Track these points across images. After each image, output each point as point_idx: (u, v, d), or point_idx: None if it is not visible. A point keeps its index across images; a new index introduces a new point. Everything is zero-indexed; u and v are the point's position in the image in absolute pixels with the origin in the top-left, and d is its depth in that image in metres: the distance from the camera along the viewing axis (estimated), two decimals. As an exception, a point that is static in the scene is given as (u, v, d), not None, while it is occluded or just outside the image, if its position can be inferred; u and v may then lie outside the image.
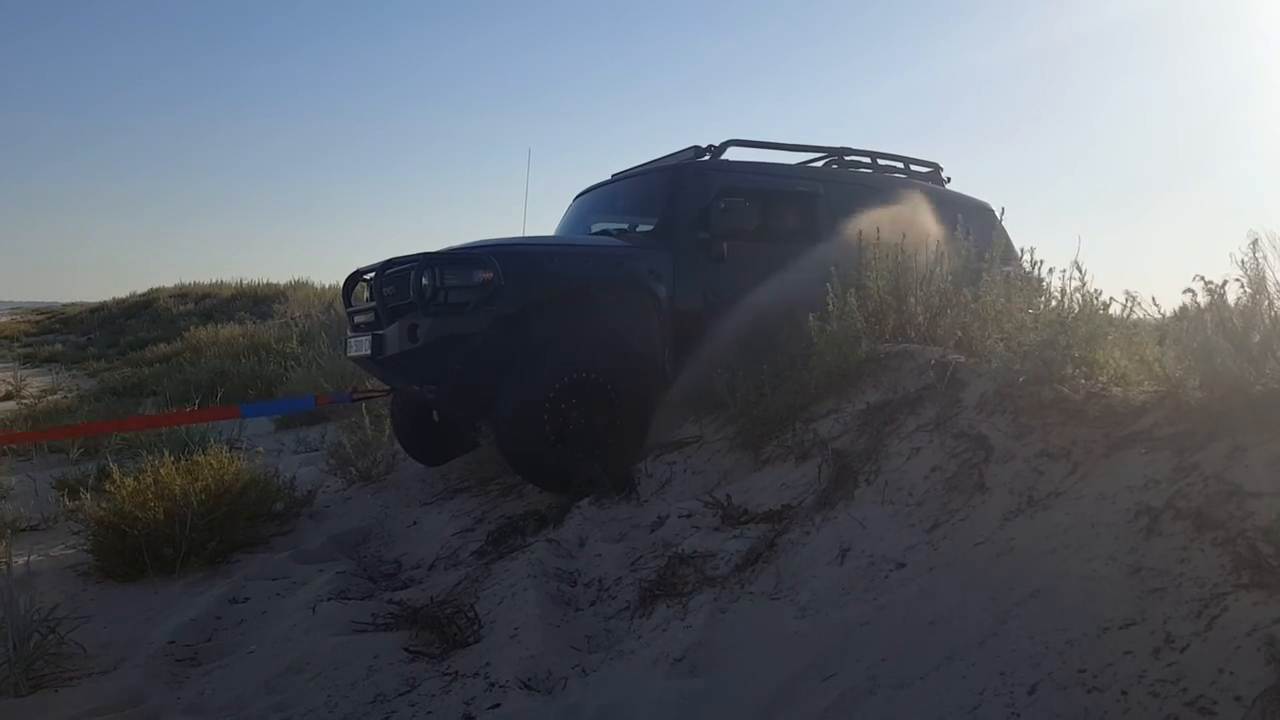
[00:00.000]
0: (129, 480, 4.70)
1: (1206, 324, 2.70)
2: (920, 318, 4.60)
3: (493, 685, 2.81)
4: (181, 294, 26.63)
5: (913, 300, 4.62)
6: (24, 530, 5.59)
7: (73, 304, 37.84)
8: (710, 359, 4.80)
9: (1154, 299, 3.18)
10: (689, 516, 3.92)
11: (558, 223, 6.63)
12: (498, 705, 2.70)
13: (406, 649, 3.19)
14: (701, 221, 5.31)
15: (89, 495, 4.87)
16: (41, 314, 35.96)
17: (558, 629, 3.20)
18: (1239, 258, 2.64)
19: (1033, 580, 2.47)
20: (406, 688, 2.96)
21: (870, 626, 2.66)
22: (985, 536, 2.79)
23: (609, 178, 6.45)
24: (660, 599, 3.25)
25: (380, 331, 4.85)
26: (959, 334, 4.40)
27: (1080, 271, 3.59)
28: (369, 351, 4.89)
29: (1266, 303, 2.56)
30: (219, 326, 17.23)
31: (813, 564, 3.13)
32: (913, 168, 6.78)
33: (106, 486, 4.72)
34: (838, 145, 6.39)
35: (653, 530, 3.98)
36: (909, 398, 3.86)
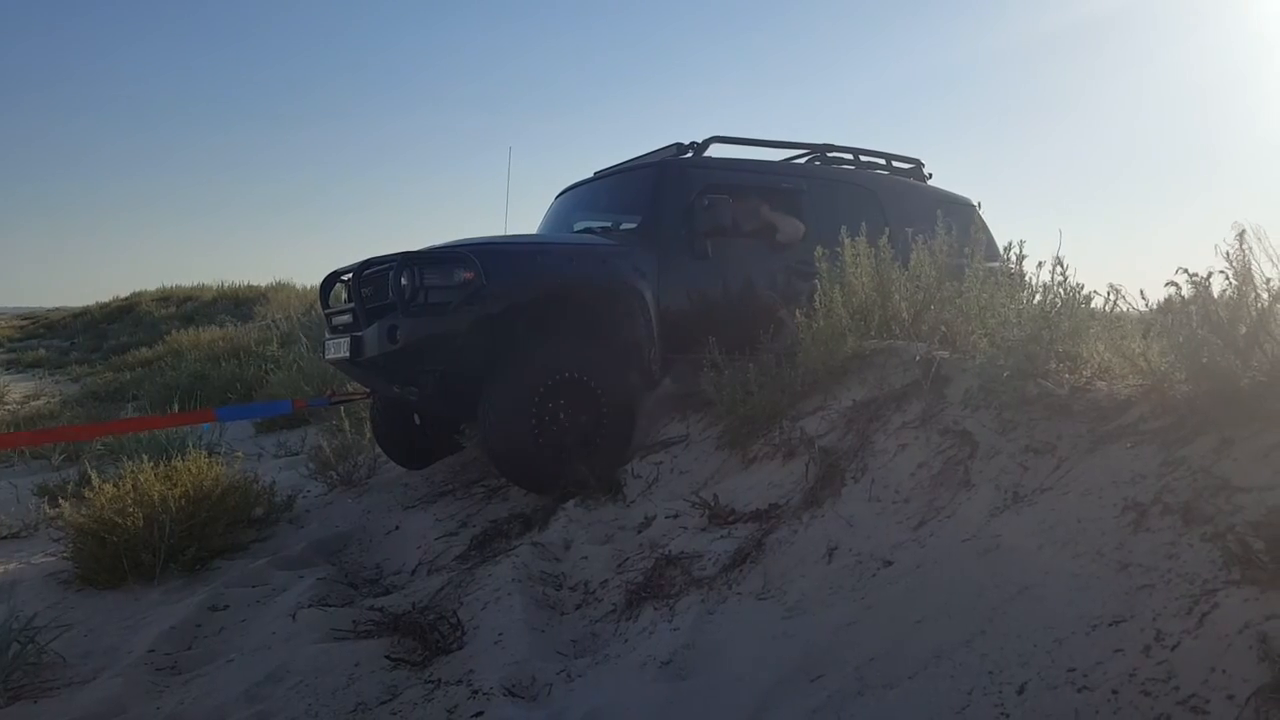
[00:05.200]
0: (108, 486, 4.65)
1: (1192, 317, 2.69)
2: (905, 314, 4.59)
3: (476, 693, 2.77)
4: (164, 297, 26.58)
5: (897, 296, 4.60)
6: (5, 538, 5.54)
7: (57, 309, 37.71)
8: (696, 357, 4.78)
9: (1141, 292, 3.16)
10: (676, 517, 3.89)
11: (540, 221, 6.60)
12: (481, 713, 2.66)
13: (388, 656, 3.15)
14: (685, 219, 5.28)
15: (68, 502, 4.81)
16: (26, 319, 35.87)
17: (543, 634, 3.17)
18: (1224, 250, 2.62)
19: (1020, 577, 2.45)
20: (388, 696, 2.91)
21: (858, 626, 2.64)
22: (972, 533, 2.78)
23: (591, 175, 6.42)
24: (647, 601, 3.23)
25: (359, 333, 4.79)
26: (943, 329, 4.39)
27: (1063, 266, 3.57)
28: (348, 354, 4.83)
29: (1253, 295, 2.54)
30: (200, 330, 17.17)
31: (800, 563, 3.11)
32: (895, 164, 6.79)
33: (86, 493, 4.67)
34: (820, 142, 6.39)
35: (639, 531, 3.96)
36: (895, 394, 3.85)
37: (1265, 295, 2.54)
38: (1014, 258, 4.36)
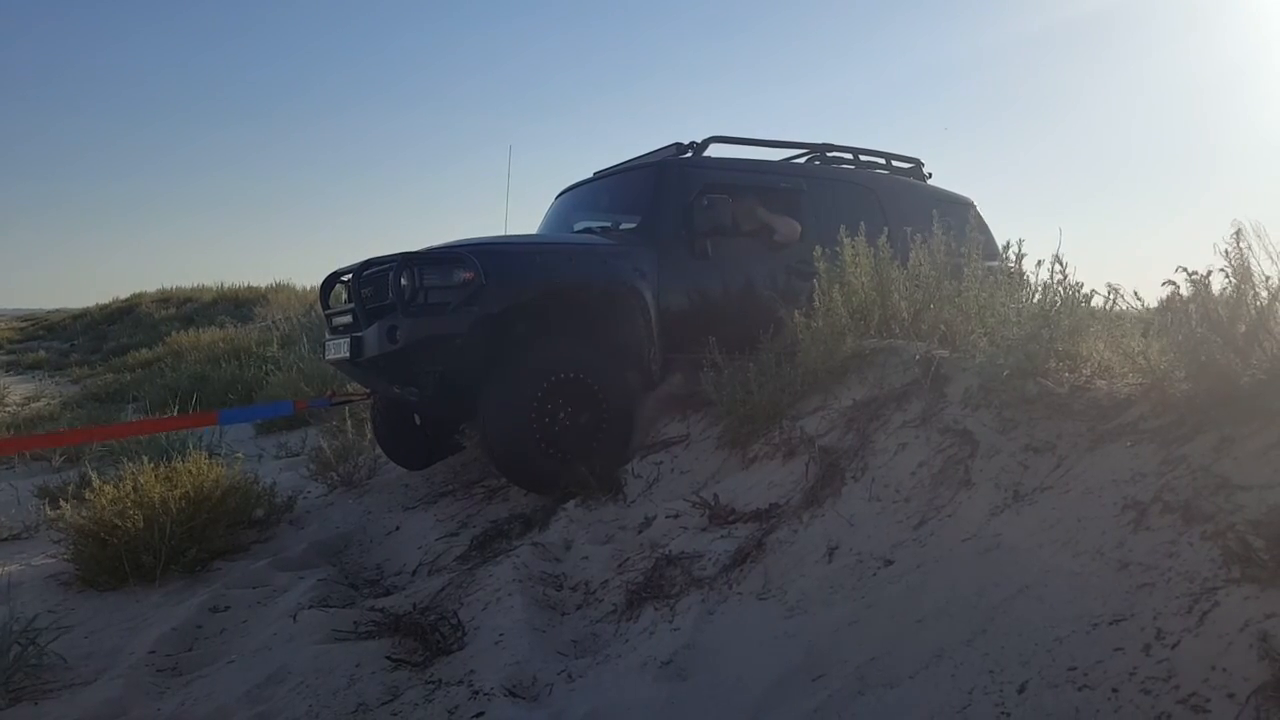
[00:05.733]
0: (108, 488, 4.64)
1: (1191, 315, 2.69)
2: (904, 313, 4.59)
3: (477, 693, 2.77)
4: (164, 299, 26.59)
5: (896, 295, 4.60)
6: (5, 540, 5.54)
7: (57, 310, 37.76)
8: (696, 357, 4.78)
9: (1136, 292, 3.16)
10: (676, 517, 3.89)
11: (540, 221, 6.61)
12: (482, 714, 2.66)
13: (389, 657, 3.15)
14: (684, 219, 5.29)
15: (69, 504, 4.81)
16: (26, 321, 35.92)
17: (543, 634, 3.17)
18: (1223, 248, 2.63)
19: (1020, 576, 2.45)
20: (389, 697, 2.91)
21: (859, 625, 2.64)
22: (972, 532, 2.77)
23: (591, 175, 6.43)
24: (647, 601, 3.22)
25: (359, 334, 4.79)
26: (943, 329, 4.39)
27: (1061, 264, 3.58)
28: (348, 354, 4.83)
29: (1252, 293, 2.54)
30: (200, 331, 17.18)
31: (801, 563, 3.11)
32: (894, 163, 6.80)
33: (86, 494, 4.67)
34: (819, 141, 6.40)
35: (640, 531, 3.96)
36: (895, 393, 3.85)
37: (1264, 293, 2.54)
38: (1013, 256, 4.37)
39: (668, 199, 5.39)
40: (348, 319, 5.21)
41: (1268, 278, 2.55)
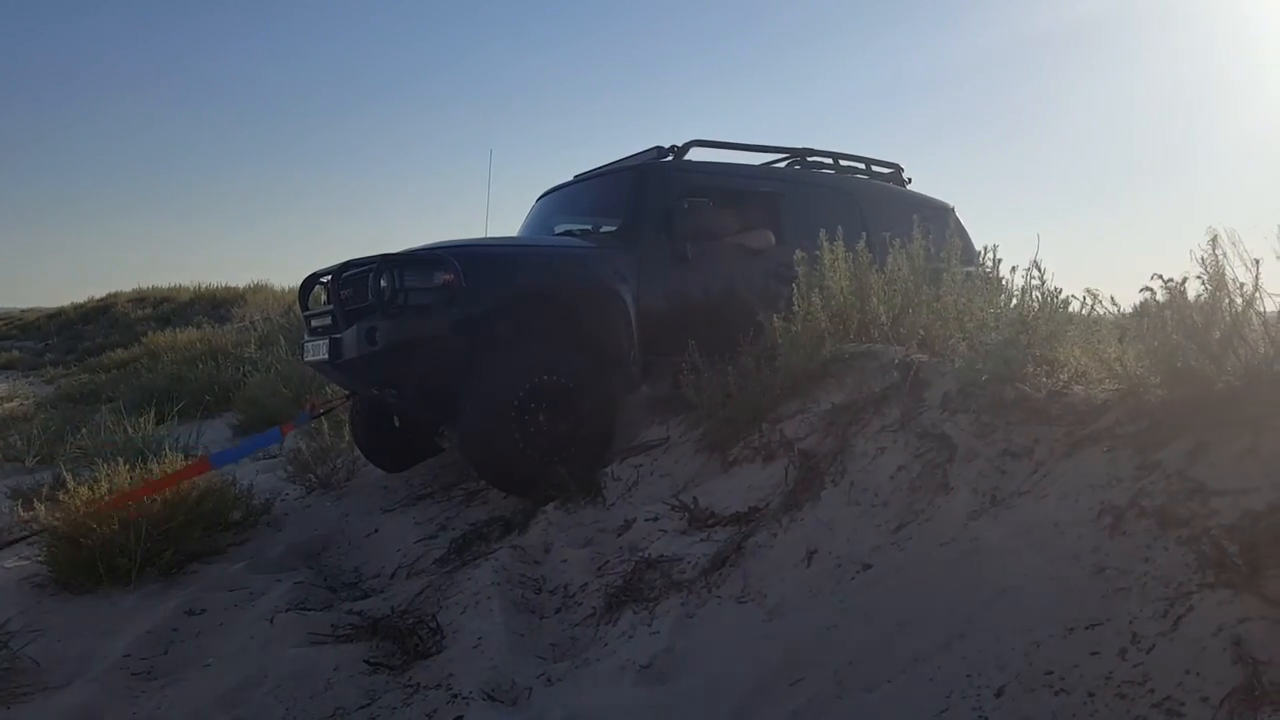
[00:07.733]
0: (83, 489, 4.59)
1: (1166, 321, 2.71)
2: (883, 317, 4.60)
3: (455, 697, 2.76)
4: (140, 298, 26.31)
5: (875, 300, 4.62)
6: (-23, 542, 5.47)
7: (31, 309, 37.34)
8: (676, 360, 4.78)
9: (1112, 298, 3.19)
10: (656, 520, 3.88)
11: (520, 224, 6.59)
12: (460, 717, 2.65)
13: (367, 661, 3.13)
14: (665, 222, 5.29)
15: (43, 505, 4.75)
16: (-1, 320, 35.46)
17: (522, 638, 3.16)
18: (1199, 255, 2.65)
19: (998, 580, 2.46)
20: (367, 700, 2.90)
21: (837, 629, 2.64)
22: (950, 537, 2.78)
23: (572, 178, 6.42)
24: (627, 605, 3.22)
25: (338, 335, 4.77)
26: (922, 333, 4.41)
27: (1039, 270, 3.60)
28: (326, 356, 4.81)
29: (1227, 300, 2.56)
30: (177, 331, 17.02)
31: (780, 567, 3.11)
32: (874, 168, 6.82)
33: (61, 496, 4.62)
34: (800, 146, 6.41)
35: (619, 535, 3.95)
36: (874, 397, 3.86)
37: (1239, 300, 2.57)
38: (990, 261, 4.39)
39: (648, 202, 5.39)
40: (327, 320, 5.18)
41: (1242, 284, 2.57)
